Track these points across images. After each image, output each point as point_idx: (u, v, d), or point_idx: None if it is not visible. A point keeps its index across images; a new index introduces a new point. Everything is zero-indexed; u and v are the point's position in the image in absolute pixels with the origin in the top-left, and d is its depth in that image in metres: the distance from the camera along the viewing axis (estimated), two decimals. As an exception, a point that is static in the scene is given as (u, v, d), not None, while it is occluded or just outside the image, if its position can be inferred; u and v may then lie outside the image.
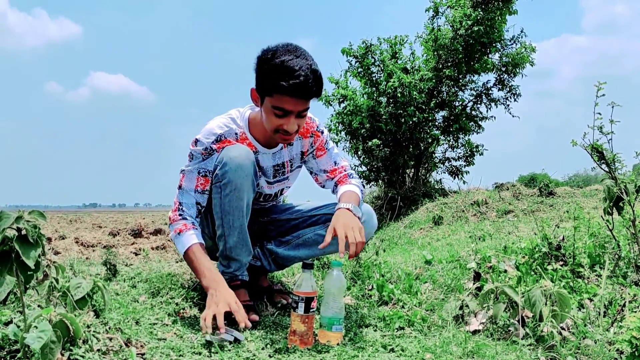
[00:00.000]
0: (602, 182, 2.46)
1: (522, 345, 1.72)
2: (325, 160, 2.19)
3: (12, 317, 1.48)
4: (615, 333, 1.81)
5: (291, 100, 1.82)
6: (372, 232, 2.21)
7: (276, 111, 1.85)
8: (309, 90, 1.82)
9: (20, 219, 1.21)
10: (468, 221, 6.26)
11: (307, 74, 1.79)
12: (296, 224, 2.27)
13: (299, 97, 1.82)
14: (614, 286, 2.21)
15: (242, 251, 1.99)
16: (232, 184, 1.89)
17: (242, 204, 1.93)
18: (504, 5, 8.94)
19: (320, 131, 2.17)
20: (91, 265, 2.88)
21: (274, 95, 1.82)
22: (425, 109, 9.16)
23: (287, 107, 1.84)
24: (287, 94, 1.80)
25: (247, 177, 1.91)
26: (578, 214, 3.26)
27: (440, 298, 2.33)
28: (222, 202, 1.92)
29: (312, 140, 2.16)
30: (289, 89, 1.78)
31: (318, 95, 1.88)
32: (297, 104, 1.84)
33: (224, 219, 1.94)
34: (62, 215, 10.29)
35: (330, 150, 2.20)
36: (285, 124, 1.87)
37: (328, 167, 2.19)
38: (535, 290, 1.84)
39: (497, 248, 3.14)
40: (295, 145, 2.17)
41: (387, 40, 9.57)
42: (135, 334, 1.64)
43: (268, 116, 1.89)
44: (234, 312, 1.78)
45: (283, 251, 2.22)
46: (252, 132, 2.06)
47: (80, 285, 1.69)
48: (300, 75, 1.78)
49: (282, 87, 1.78)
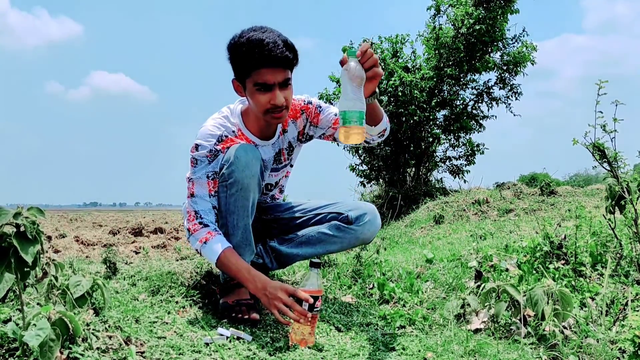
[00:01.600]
0: (603, 181, 2.45)
1: (524, 344, 1.71)
2: (325, 119, 2.15)
3: (11, 314, 1.47)
4: (618, 332, 1.80)
5: (267, 70, 1.83)
6: (376, 232, 2.22)
7: (258, 87, 1.86)
8: (281, 56, 1.82)
9: (18, 215, 1.20)
10: (469, 220, 6.25)
11: (276, 40, 1.81)
12: (300, 223, 2.27)
13: (273, 64, 1.82)
14: (616, 285, 2.20)
15: (245, 250, 1.98)
16: (239, 183, 1.88)
17: (248, 203, 1.92)
18: (505, 4, 8.92)
19: (307, 103, 2.16)
20: (91, 263, 2.87)
21: (252, 73, 1.84)
22: (426, 108, 9.14)
23: (267, 80, 1.84)
24: (261, 65, 1.81)
25: (254, 176, 1.90)
26: (580, 213, 3.25)
27: (441, 297, 2.32)
28: (228, 201, 1.91)
29: (305, 115, 2.16)
30: (261, 59, 1.80)
31: (293, 62, 1.88)
32: (275, 73, 1.84)
33: (229, 218, 1.93)
34: (63, 214, 10.29)
35: (325, 109, 2.16)
36: (272, 99, 1.87)
37: (331, 122, 2.14)
38: (537, 289, 1.83)
39: (498, 247, 3.13)
40: (290, 132, 2.17)
41: (388, 39, 9.56)
42: (135, 332, 1.63)
43: (254, 98, 1.90)
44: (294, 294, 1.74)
45: (286, 249, 2.21)
46: (247, 126, 2.06)
47: (80, 283, 1.68)
48: (269, 44, 1.80)
49: (255, 59, 1.80)
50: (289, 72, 1.90)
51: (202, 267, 2.45)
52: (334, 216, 2.22)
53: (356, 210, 2.20)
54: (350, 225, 2.18)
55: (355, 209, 2.21)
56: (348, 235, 2.18)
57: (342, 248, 2.23)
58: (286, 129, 2.16)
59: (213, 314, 2.01)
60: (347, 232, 2.18)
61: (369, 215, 2.17)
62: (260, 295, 1.81)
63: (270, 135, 2.11)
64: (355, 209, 2.21)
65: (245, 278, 1.85)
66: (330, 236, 2.19)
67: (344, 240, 2.19)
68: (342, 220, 2.20)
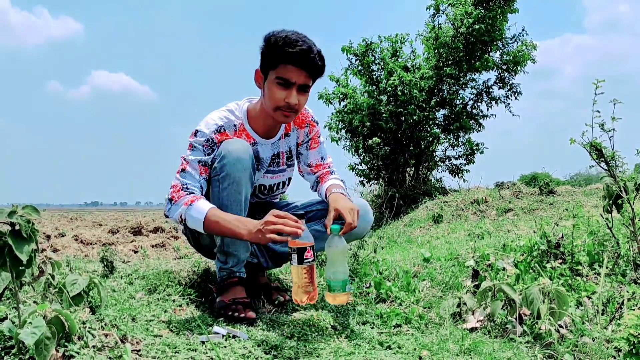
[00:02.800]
0: (601, 180, 2.45)
1: (520, 342, 1.71)
2: (315, 153, 2.27)
3: (7, 313, 1.48)
4: (614, 331, 1.81)
5: (295, 69, 1.90)
6: (368, 227, 2.21)
7: (279, 81, 1.91)
8: (312, 61, 1.91)
9: (13, 214, 1.20)
10: (468, 220, 6.25)
11: (311, 47, 1.91)
12: None
13: (303, 66, 1.90)
14: (612, 284, 2.20)
15: (239, 246, 1.98)
16: (231, 177, 1.89)
17: (240, 197, 1.93)
18: (505, 3, 8.92)
19: (315, 122, 2.25)
20: (89, 262, 2.88)
21: (279, 65, 1.90)
22: (425, 108, 9.14)
23: (291, 77, 1.91)
24: (291, 61, 1.88)
25: (245, 170, 1.91)
26: (577, 212, 3.26)
27: (438, 296, 2.32)
28: (221, 195, 1.92)
29: (308, 130, 2.23)
30: (293, 56, 1.87)
31: (320, 72, 1.97)
32: (300, 74, 1.91)
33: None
34: (63, 213, 10.29)
35: (322, 144, 2.29)
36: (288, 97, 1.92)
37: (314, 160, 2.26)
38: (533, 288, 1.83)
39: (496, 246, 3.14)
40: (292, 137, 2.22)
41: (387, 38, 9.56)
42: (131, 331, 1.64)
43: (271, 91, 1.94)
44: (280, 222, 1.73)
45: (280, 247, 2.21)
46: (251, 123, 2.08)
47: (77, 282, 1.68)
48: (305, 45, 1.88)
49: (288, 53, 1.87)
50: (312, 81, 1.97)
51: (199, 266, 2.46)
52: (324, 213, 2.22)
53: None
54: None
55: None
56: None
57: None
58: (289, 133, 2.20)
59: (209, 312, 2.01)
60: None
61: (360, 210, 2.17)
62: (255, 236, 1.76)
63: (272, 135, 2.13)
64: None
65: (237, 227, 1.81)
66: (323, 233, 2.18)
67: None
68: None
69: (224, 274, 2.01)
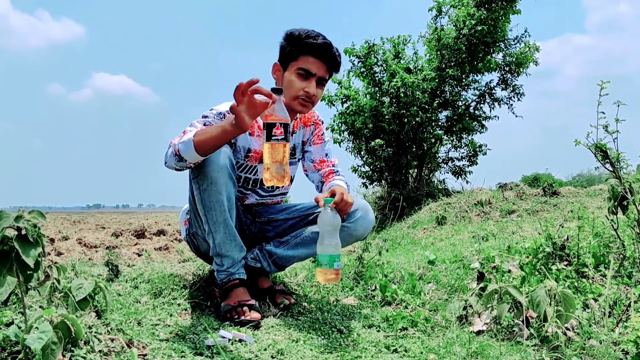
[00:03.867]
0: (606, 182, 2.44)
1: (527, 345, 1.70)
2: (318, 149, 2.31)
3: (13, 318, 1.48)
4: (621, 333, 1.80)
5: (316, 61, 2.03)
6: (369, 228, 2.21)
7: (300, 72, 2.03)
8: (333, 55, 2.06)
9: (20, 219, 1.20)
10: (471, 221, 6.24)
11: (330, 43, 2.06)
12: (293, 224, 2.28)
13: (323, 58, 2.03)
14: (618, 286, 2.19)
15: (231, 247, 1.99)
16: (208, 177, 1.89)
17: (222, 197, 1.92)
18: (507, 4, 8.91)
19: (320, 121, 2.33)
20: (93, 266, 2.88)
21: (300, 57, 2.03)
22: (428, 109, 9.13)
23: (311, 68, 2.03)
24: (312, 53, 2.02)
25: (222, 169, 1.89)
26: (582, 214, 3.25)
27: (443, 298, 2.31)
28: (203, 197, 1.93)
29: (313, 127, 2.30)
30: (315, 47, 2.01)
31: (337, 68, 2.11)
32: (321, 66, 2.04)
33: (208, 215, 1.95)
34: (66, 216, 10.31)
35: (326, 142, 2.33)
36: (307, 87, 2.03)
37: (318, 156, 2.30)
38: (539, 290, 1.82)
39: (500, 248, 3.13)
40: (298, 135, 2.26)
41: (389, 40, 9.55)
42: (137, 335, 1.64)
43: (291, 82, 2.03)
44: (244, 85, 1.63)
45: (282, 252, 2.21)
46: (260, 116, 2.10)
47: (82, 286, 1.68)
48: (326, 41, 2.04)
49: (310, 45, 2.01)
50: (329, 75, 2.10)
51: (204, 269, 2.46)
52: None
53: None
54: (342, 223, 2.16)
55: None
56: (341, 233, 2.14)
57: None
58: (295, 131, 2.24)
59: (215, 316, 2.01)
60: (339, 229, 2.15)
61: (360, 211, 2.15)
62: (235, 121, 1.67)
63: None
64: None
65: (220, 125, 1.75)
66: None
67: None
68: None
69: (223, 277, 2.01)
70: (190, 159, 1.82)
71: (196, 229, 2.10)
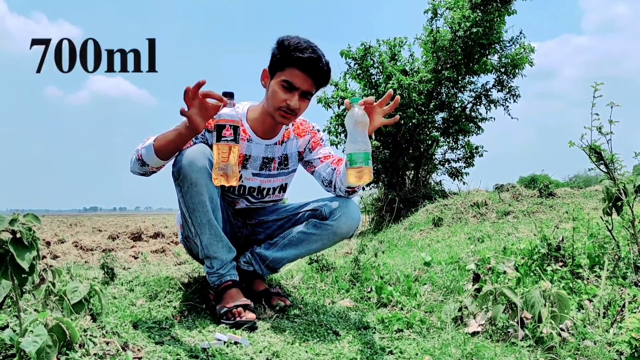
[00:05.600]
0: (600, 183, 2.45)
1: (521, 346, 1.71)
2: (320, 150, 2.25)
3: (8, 321, 1.48)
4: (615, 334, 1.81)
5: (301, 75, 1.96)
6: (355, 226, 2.19)
7: (284, 84, 1.97)
8: (320, 70, 1.98)
9: (14, 222, 1.20)
10: (468, 222, 6.25)
11: (320, 56, 1.98)
12: (281, 224, 2.28)
13: (310, 73, 1.96)
14: (613, 287, 2.20)
15: (218, 247, 1.99)
16: (188, 179, 1.90)
17: (204, 198, 1.92)
18: (502, 6, 8.94)
19: (316, 130, 2.29)
20: (89, 269, 2.87)
21: (287, 68, 1.96)
22: (424, 111, 9.15)
23: (296, 82, 1.96)
24: (299, 67, 1.95)
25: (201, 170, 1.89)
26: (577, 215, 3.26)
27: (439, 300, 2.32)
28: (185, 199, 1.94)
29: (309, 137, 2.26)
30: (302, 61, 1.94)
31: (325, 82, 2.04)
32: (306, 81, 1.97)
33: (192, 218, 1.95)
34: (63, 219, 10.29)
35: (325, 142, 2.29)
36: (290, 99, 1.97)
37: (322, 155, 2.24)
38: (534, 291, 1.83)
39: (496, 249, 3.13)
40: (289, 145, 2.22)
41: (386, 42, 9.58)
42: (132, 338, 1.63)
43: (274, 92, 1.99)
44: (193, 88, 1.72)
45: (272, 253, 2.20)
46: (249, 121, 2.13)
47: (77, 289, 1.68)
48: (315, 53, 1.96)
49: (298, 58, 1.94)
50: (315, 89, 2.03)
51: (199, 272, 2.46)
52: (310, 214, 2.21)
53: (330, 205, 2.15)
54: (325, 221, 2.14)
55: (329, 203, 2.17)
56: (325, 232, 2.14)
57: (324, 245, 2.20)
58: (285, 141, 2.21)
59: (211, 318, 2.01)
60: (323, 228, 2.14)
61: (342, 208, 2.14)
62: (191, 121, 1.75)
63: (268, 137, 2.16)
64: (329, 203, 2.16)
65: (178, 131, 1.82)
66: (309, 234, 2.16)
67: (323, 237, 2.15)
68: (318, 216, 2.18)
69: (215, 279, 2.02)
70: (152, 163, 1.90)
71: (187, 232, 2.10)
